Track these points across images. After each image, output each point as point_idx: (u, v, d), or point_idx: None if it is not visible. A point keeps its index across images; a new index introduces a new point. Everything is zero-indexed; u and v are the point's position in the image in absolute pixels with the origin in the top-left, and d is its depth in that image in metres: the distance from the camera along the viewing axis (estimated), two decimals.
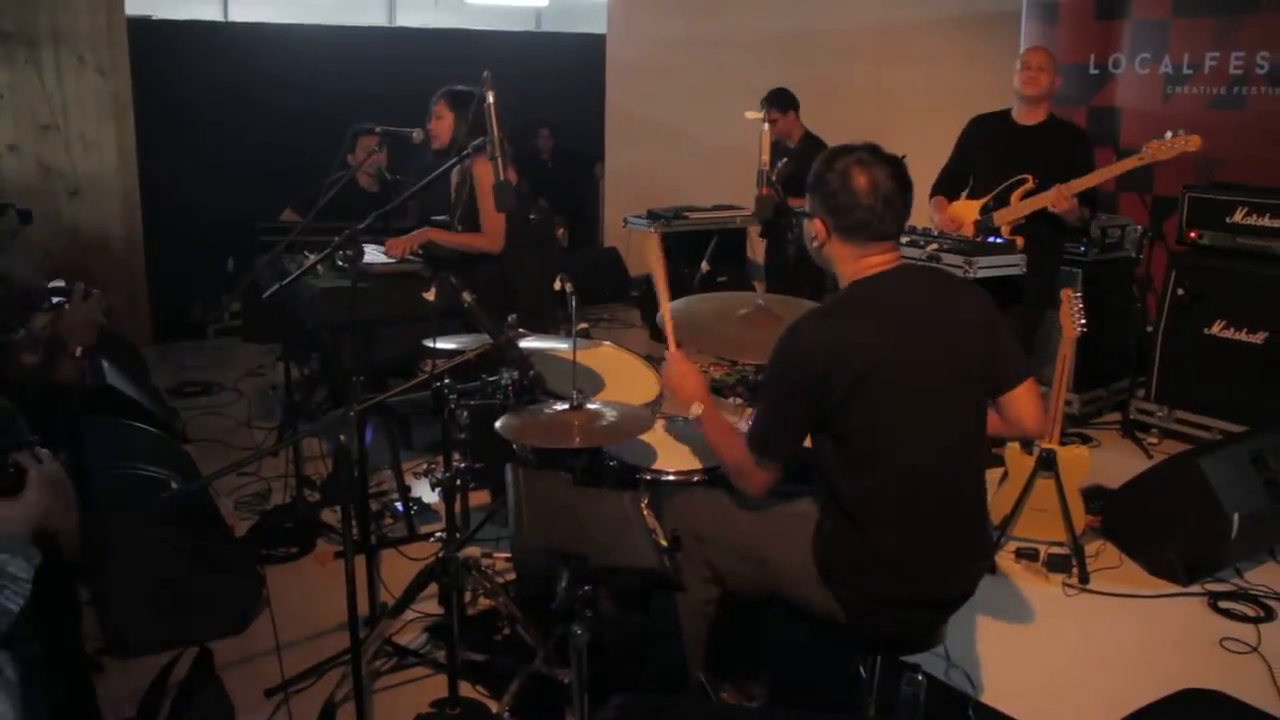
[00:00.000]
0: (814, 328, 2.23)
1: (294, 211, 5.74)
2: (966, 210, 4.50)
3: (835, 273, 2.32)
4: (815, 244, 2.31)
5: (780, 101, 5.92)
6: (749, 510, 2.43)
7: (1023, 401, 2.34)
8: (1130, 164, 4.17)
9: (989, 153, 4.52)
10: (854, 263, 2.26)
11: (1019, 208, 4.32)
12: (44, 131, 6.17)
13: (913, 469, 2.20)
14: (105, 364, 4.32)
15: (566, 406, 2.69)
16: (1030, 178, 4.29)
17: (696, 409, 2.42)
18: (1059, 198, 4.15)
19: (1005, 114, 4.52)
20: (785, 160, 5.84)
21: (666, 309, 2.71)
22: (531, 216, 3.72)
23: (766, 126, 3.53)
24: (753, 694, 2.73)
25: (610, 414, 2.72)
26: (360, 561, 2.71)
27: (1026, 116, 4.44)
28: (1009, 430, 2.39)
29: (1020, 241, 4.30)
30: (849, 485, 2.22)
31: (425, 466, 4.36)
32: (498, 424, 2.69)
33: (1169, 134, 4.08)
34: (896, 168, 2.23)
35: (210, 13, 9.50)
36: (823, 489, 2.28)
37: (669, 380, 2.52)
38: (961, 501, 2.29)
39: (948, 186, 4.66)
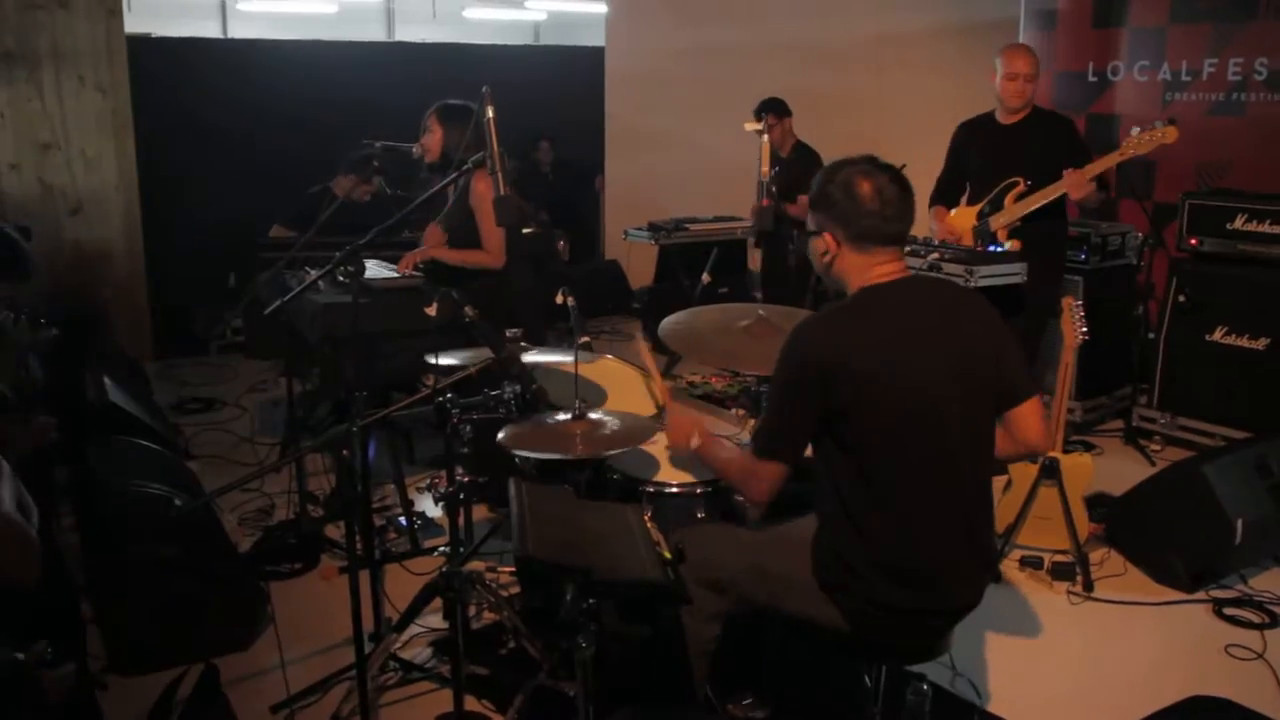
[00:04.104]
0: (819, 326, 2.27)
1: (282, 227, 5.77)
2: (964, 219, 4.51)
3: (844, 287, 2.32)
4: (825, 259, 2.31)
5: (777, 109, 5.94)
6: (750, 528, 2.44)
7: (1028, 419, 2.34)
8: (1112, 159, 4.17)
9: (979, 155, 4.55)
10: (863, 273, 2.27)
11: (1013, 210, 4.33)
12: (44, 150, 6.19)
13: (919, 478, 2.20)
14: (107, 381, 4.32)
15: (568, 416, 2.69)
16: (1021, 180, 4.31)
17: (695, 440, 2.54)
18: (1077, 183, 4.14)
19: (990, 115, 4.55)
20: (778, 170, 5.86)
21: (661, 385, 3.04)
22: (525, 230, 3.73)
23: (765, 138, 3.55)
24: (757, 706, 2.73)
25: (612, 423, 2.73)
26: (364, 576, 2.70)
27: (1011, 116, 4.47)
28: (1014, 448, 2.38)
29: (1017, 245, 4.31)
30: (855, 492, 2.22)
31: (428, 481, 4.34)
32: (500, 435, 2.70)
33: (1146, 127, 4.08)
34: (895, 174, 2.27)
35: (209, 30, 9.56)
36: (828, 496, 2.28)
37: (672, 429, 2.65)
38: (968, 511, 2.28)
39: (945, 196, 4.69)
